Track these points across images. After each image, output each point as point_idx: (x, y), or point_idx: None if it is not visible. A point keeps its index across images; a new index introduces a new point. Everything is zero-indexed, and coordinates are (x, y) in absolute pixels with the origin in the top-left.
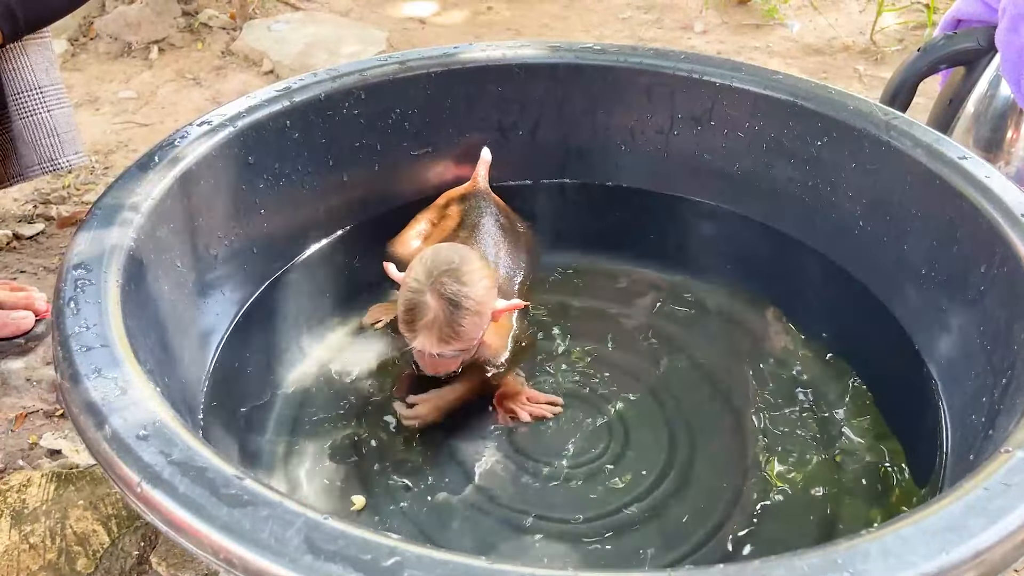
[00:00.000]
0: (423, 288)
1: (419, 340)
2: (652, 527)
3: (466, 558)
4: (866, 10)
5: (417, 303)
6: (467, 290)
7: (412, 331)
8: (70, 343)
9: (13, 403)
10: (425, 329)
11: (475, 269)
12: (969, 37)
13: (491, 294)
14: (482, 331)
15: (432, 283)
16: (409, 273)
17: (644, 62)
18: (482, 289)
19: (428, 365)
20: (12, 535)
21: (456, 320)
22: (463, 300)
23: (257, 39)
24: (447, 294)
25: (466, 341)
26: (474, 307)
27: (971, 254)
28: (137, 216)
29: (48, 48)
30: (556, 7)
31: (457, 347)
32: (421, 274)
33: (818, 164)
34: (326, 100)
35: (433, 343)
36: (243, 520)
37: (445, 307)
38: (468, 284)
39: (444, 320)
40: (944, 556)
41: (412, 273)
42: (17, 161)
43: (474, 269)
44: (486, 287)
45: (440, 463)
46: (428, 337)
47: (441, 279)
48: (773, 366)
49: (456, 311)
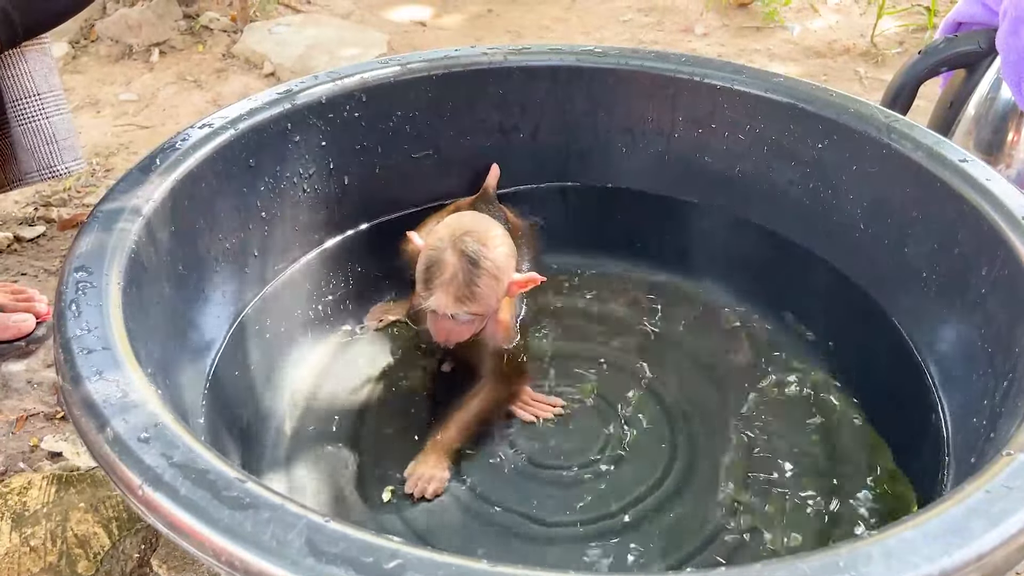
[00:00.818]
0: (444, 246)
1: (435, 298)
2: (653, 530)
3: (468, 561)
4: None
5: (437, 259)
6: (487, 251)
7: (429, 289)
8: (71, 345)
9: (14, 405)
10: (442, 286)
11: (497, 235)
12: (970, 40)
13: (510, 262)
14: (497, 299)
15: (453, 241)
16: (431, 235)
17: (645, 64)
18: (502, 255)
19: (440, 331)
20: (13, 537)
21: (474, 279)
22: (482, 259)
23: (258, 42)
24: (467, 251)
25: (481, 304)
26: (492, 269)
27: (972, 257)
28: (138, 219)
29: (47, 54)
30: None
31: (472, 309)
32: (444, 233)
33: (819, 167)
34: (327, 102)
35: (449, 302)
36: (245, 522)
37: (464, 264)
38: (488, 246)
39: (462, 279)
40: (946, 559)
41: (435, 234)
42: (16, 166)
43: (496, 235)
44: (505, 253)
45: None
46: (445, 295)
47: (463, 238)
48: (772, 369)
49: (475, 269)
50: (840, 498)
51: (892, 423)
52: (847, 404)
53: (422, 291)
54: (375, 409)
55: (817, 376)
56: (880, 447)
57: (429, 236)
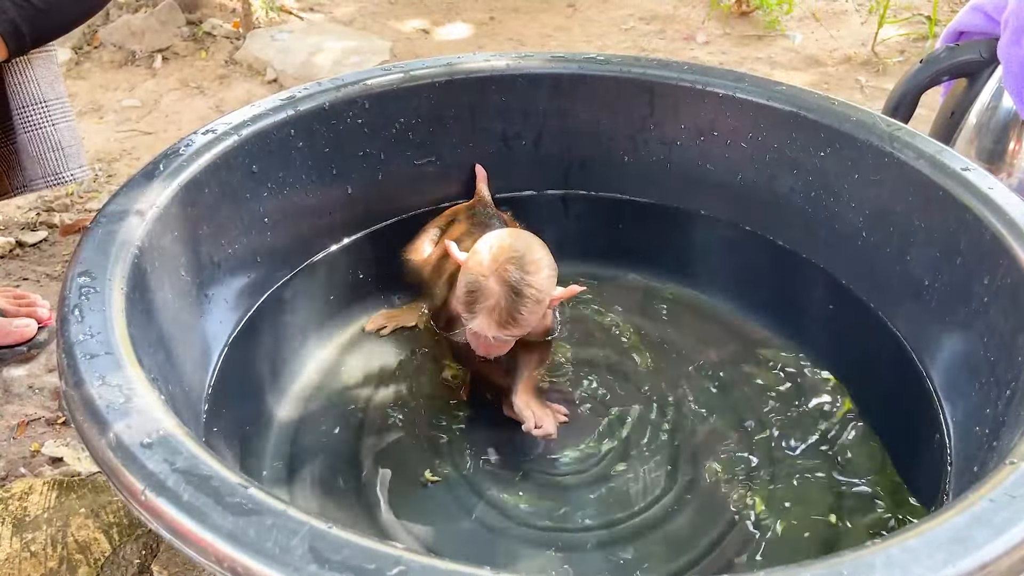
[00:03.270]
0: (487, 272)
1: (478, 322)
2: (655, 538)
3: (470, 568)
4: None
5: (480, 287)
6: (530, 279)
7: (471, 312)
8: (74, 350)
9: (15, 411)
10: (485, 312)
11: (539, 258)
12: (971, 49)
13: (551, 282)
14: (539, 317)
15: (496, 269)
16: (472, 256)
17: (647, 73)
18: (544, 278)
19: (481, 346)
20: (13, 543)
21: (517, 308)
22: (525, 288)
23: (261, 48)
24: (511, 281)
25: (524, 327)
26: (535, 295)
27: (974, 266)
28: (142, 224)
29: (53, 61)
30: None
31: (515, 333)
32: (486, 258)
33: (821, 175)
34: (330, 109)
35: (492, 327)
36: (248, 529)
37: (508, 294)
38: (531, 273)
39: (505, 307)
40: (950, 568)
41: (476, 256)
42: (21, 173)
43: (538, 258)
44: (548, 276)
45: (442, 472)
46: (487, 321)
47: (506, 266)
48: (774, 378)
49: (518, 299)
50: (842, 506)
51: (894, 432)
52: (849, 413)
53: (464, 312)
54: (378, 415)
55: (819, 384)
56: (883, 456)
57: (471, 257)
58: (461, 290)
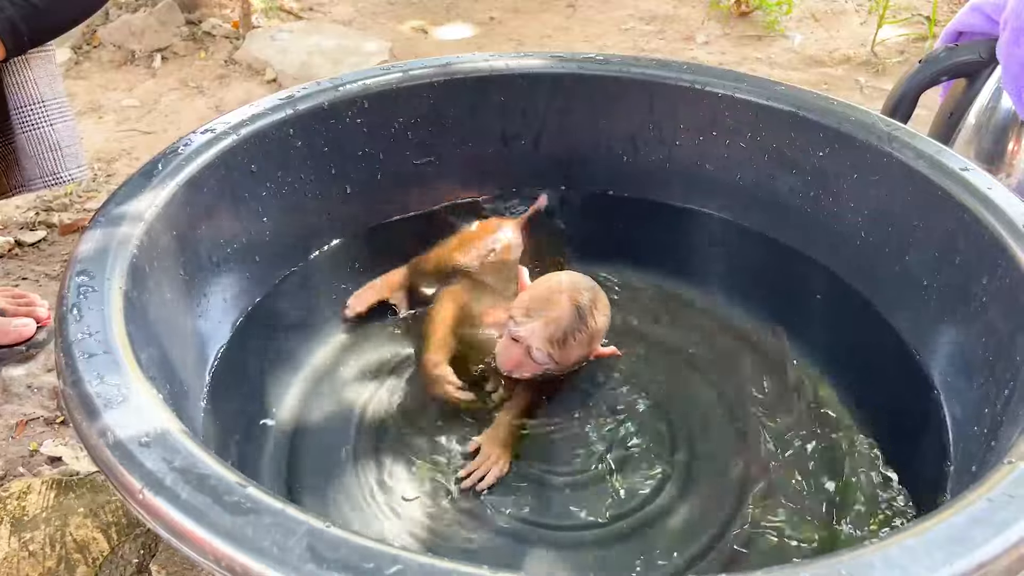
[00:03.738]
0: (563, 290)
1: (529, 327)
2: (651, 537)
3: (468, 567)
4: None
5: (550, 297)
6: (597, 312)
7: (528, 316)
8: (73, 350)
9: (14, 410)
10: (543, 320)
11: (606, 304)
12: (971, 49)
13: (602, 332)
14: (577, 360)
15: (572, 290)
16: (551, 277)
17: (647, 72)
18: (603, 323)
19: (510, 358)
20: (12, 542)
21: (573, 331)
22: (588, 318)
23: (260, 48)
24: (581, 303)
25: (564, 356)
26: (591, 329)
27: (973, 265)
28: (140, 223)
29: (51, 61)
30: (558, 18)
31: (555, 355)
32: (565, 280)
33: (820, 175)
34: (329, 109)
35: (542, 338)
36: (245, 528)
37: (573, 312)
38: (599, 309)
39: (565, 323)
40: (948, 568)
41: (555, 277)
42: (20, 173)
43: (606, 303)
44: (604, 323)
45: (440, 470)
46: (543, 328)
47: (582, 291)
48: (773, 376)
49: (579, 323)
50: (841, 506)
51: (893, 431)
52: (847, 412)
53: (519, 316)
54: (377, 414)
55: (817, 383)
56: (881, 454)
57: (549, 279)
58: (528, 296)
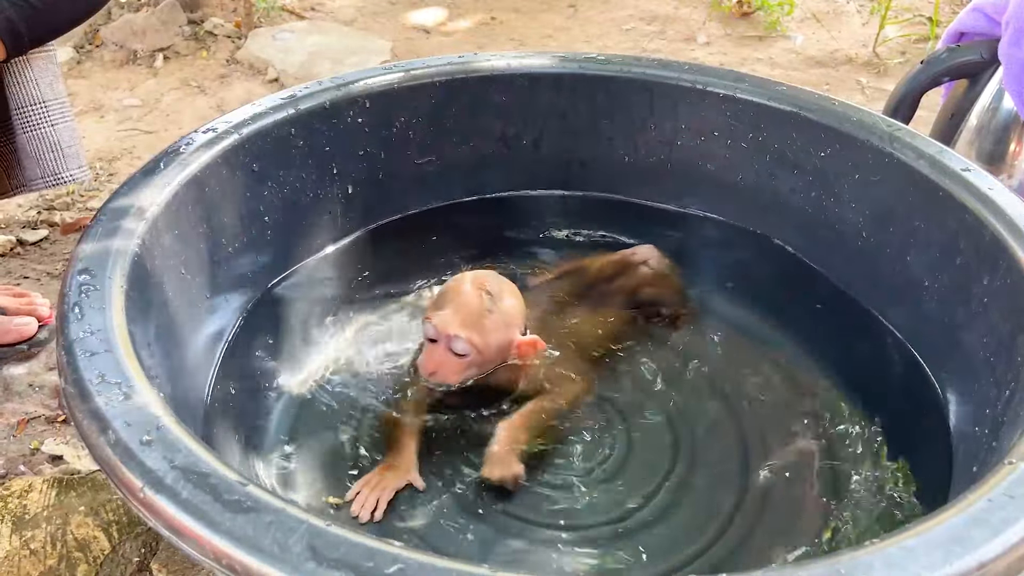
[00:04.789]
0: (465, 279)
1: (440, 317)
2: (650, 538)
3: (469, 566)
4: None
5: (454, 286)
6: (504, 294)
7: (438, 309)
8: (74, 348)
9: (15, 408)
10: (452, 306)
11: (512, 288)
12: (972, 50)
13: (520, 318)
14: (499, 349)
15: (475, 278)
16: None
17: (648, 73)
18: (514, 304)
19: (431, 362)
20: (13, 541)
21: (486, 311)
22: (497, 297)
23: (262, 48)
24: (486, 286)
25: (483, 339)
26: (505, 309)
27: (974, 266)
28: (142, 222)
29: (52, 61)
30: (559, 18)
31: (473, 339)
32: (467, 274)
33: (821, 175)
34: (331, 108)
35: (456, 323)
36: (246, 526)
37: (480, 294)
38: (506, 292)
39: (475, 304)
40: (948, 568)
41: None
42: (21, 173)
43: (512, 288)
44: (518, 308)
45: (440, 469)
46: (452, 315)
47: (485, 279)
48: (773, 378)
49: (489, 302)
50: (841, 507)
51: (894, 432)
52: (847, 413)
53: (430, 313)
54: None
55: (817, 385)
56: (881, 455)
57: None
58: (436, 296)
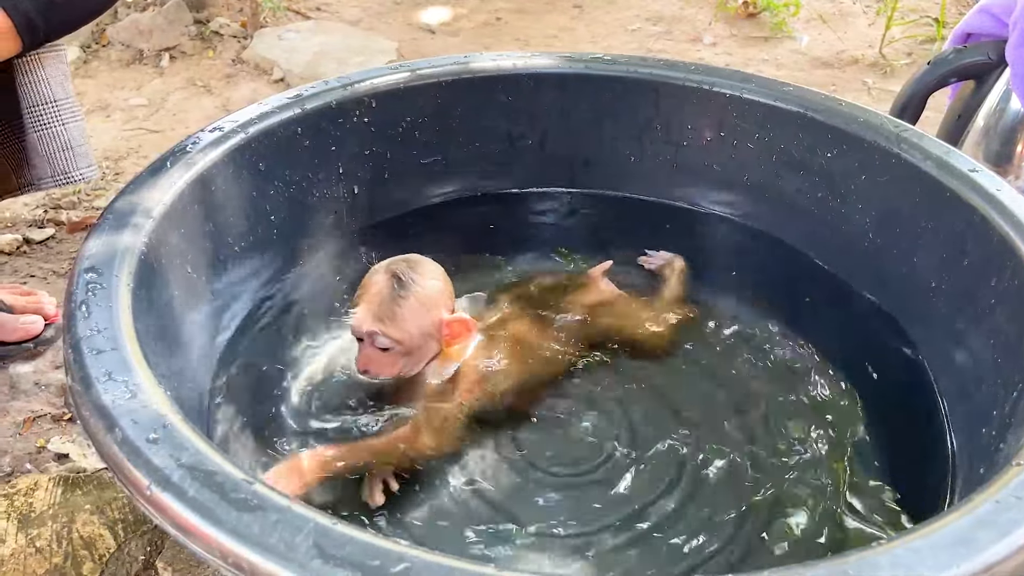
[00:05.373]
0: (378, 269)
1: (355, 316)
2: (658, 540)
3: (476, 565)
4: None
5: (366, 280)
6: (417, 276)
7: (354, 306)
8: (81, 346)
9: (21, 407)
10: (366, 302)
11: (432, 269)
12: (979, 51)
13: (442, 298)
14: (422, 332)
15: (387, 264)
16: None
17: (654, 73)
18: (433, 286)
19: (362, 359)
20: (19, 539)
21: (398, 298)
22: (409, 282)
23: (267, 48)
24: (397, 271)
25: (400, 328)
26: (420, 294)
27: (981, 267)
28: (149, 221)
29: (63, 61)
30: (564, 18)
31: (390, 331)
32: (382, 263)
33: (827, 176)
34: (337, 108)
35: (369, 318)
36: (252, 524)
37: (391, 283)
38: (420, 274)
39: (385, 294)
40: (954, 569)
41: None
42: (29, 171)
43: (432, 268)
44: (438, 288)
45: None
46: (366, 310)
47: (398, 261)
48: (778, 378)
49: (400, 288)
50: (845, 509)
51: (900, 432)
52: (853, 414)
53: (351, 308)
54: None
55: (822, 385)
56: (886, 457)
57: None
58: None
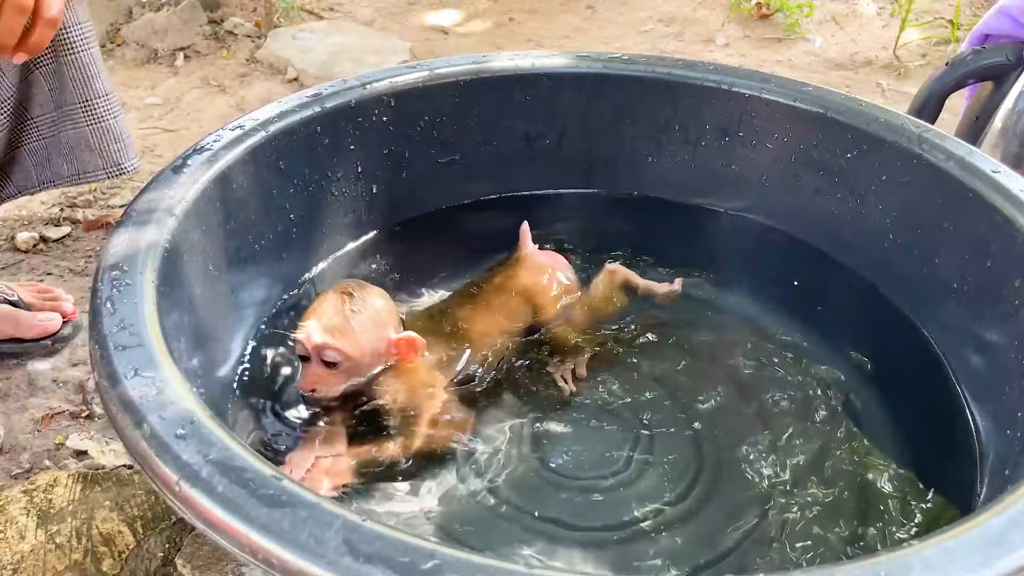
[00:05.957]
0: (325, 292)
1: (304, 330)
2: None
3: (505, 563)
4: (889, 25)
5: (316, 300)
6: (368, 295)
7: (303, 323)
8: (107, 342)
9: (40, 404)
10: (314, 316)
11: (380, 291)
12: (998, 52)
13: (390, 318)
14: (372, 351)
15: (335, 288)
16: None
17: (672, 73)
18: (382, 306)
19: (308, 380)
20: (38, 535)
21: (347, 312)
22: (359, 299)
23: (282, 47)
24: (347, 290)
25: (351, 343)
26: (370, 310)
27: (1004, 268)
28: (171, 218)
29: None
30: (577, 19)
31: (341, 346)
32: (326, 289)
33: (847, 176)
34: (356, 107)
35: (318, 331)
36: (282, 520)
37: (340, 299)
38: (370, 293)
39: (335, 308)
40: (986, 570)
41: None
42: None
43: (379, 291)
44: (388, 307)
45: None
46: (315, 326)
47: (346, 284)
48: (799, 380)
49: (352, 303)
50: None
51: (924, 434)
52: (875, 415)
53: (300, 325)
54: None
55: (843, 386)
56: (911, 459)
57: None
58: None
